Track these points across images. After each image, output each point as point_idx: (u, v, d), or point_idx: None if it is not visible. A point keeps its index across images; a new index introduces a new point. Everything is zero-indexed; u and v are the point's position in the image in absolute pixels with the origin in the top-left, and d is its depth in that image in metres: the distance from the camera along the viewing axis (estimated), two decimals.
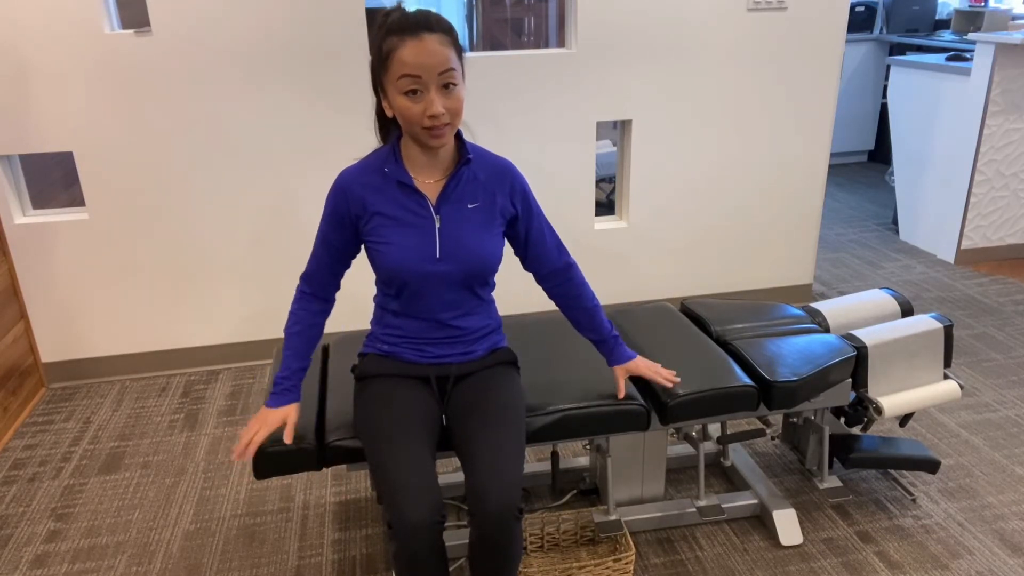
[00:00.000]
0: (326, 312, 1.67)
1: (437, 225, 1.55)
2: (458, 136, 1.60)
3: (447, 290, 1.59)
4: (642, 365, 1.79)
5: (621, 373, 1.79)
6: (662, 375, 1.80)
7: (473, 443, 1.52)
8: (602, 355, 1.81)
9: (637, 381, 1.92)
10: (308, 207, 2.92)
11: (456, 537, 1.99)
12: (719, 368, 1.90)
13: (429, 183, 1.57)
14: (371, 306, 3.21)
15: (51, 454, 2.52)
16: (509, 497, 1.43)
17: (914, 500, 2.19)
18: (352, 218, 1.56)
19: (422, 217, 1.55)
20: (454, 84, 1.44)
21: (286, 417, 1.61)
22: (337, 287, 1.68)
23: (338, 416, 1.74)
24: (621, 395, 1.78)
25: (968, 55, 3.92)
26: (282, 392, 1.62)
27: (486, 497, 1.42)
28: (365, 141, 2.87)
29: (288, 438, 1.60)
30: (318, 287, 1.64)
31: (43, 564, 2.04)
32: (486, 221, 1.59)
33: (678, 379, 1.81)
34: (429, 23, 1.41)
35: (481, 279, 1.61)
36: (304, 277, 1.65)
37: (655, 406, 1.84)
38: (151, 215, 2.82)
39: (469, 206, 1.58)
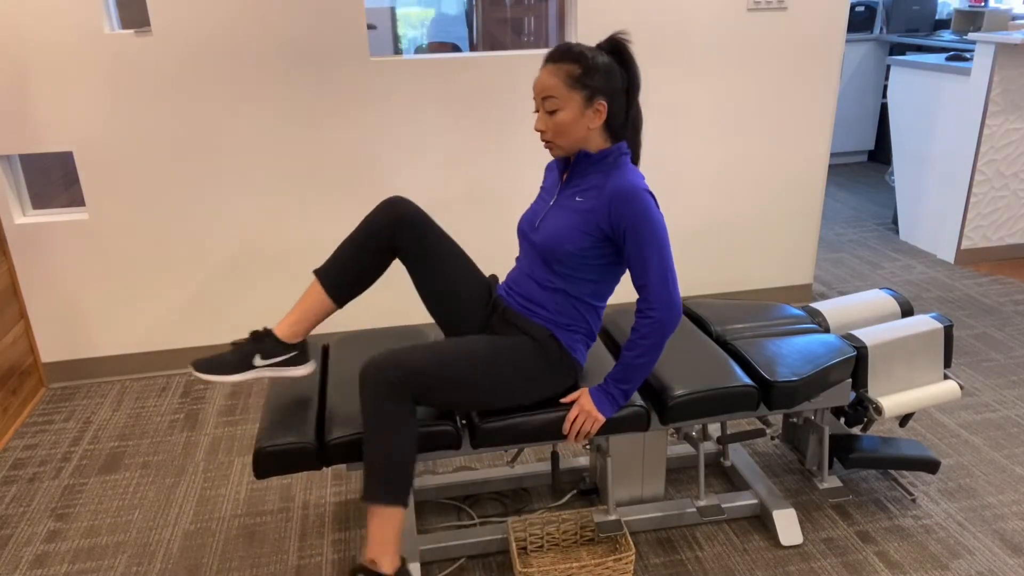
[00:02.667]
0: None
1: (550, 204, 1.77)
2: (615, 151, 1.71)
3: (533, 258, 1.77)
4: (578, 398, 1.76)
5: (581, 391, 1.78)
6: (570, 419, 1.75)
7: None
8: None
9: None
10: (308, 206, 2.92)
11: (456, 537, 1.99)
12: (719, 368, 1.90)
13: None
14: (372, 307, 3.22)
15: (51, 454, 2.52)
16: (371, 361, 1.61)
17: (914, 500, 2.19)
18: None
19: (549, 195, 1.81)
20: (556, 110, 1.65)
21: None
22: None
23: (338, 415, 1.75)
24: (565, 399, 1.77)
25: (968, 55, 3.92)
26: None
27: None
28: (363, 141, 2.88)
29: None
30: None
31: (43, 564, 2.04)
32: (581, 219, 1.69)
33: (569, 436, 1.76)
34: (553, 55, 1.66)
35: (552, 259, 1.71)
36: None
37: (655, 406, 1.84)
38: (151, 215, 2.82)
39: (576, 199, 1.72)
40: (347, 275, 1.76)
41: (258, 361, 1.74)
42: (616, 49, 1.69)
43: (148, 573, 2.00)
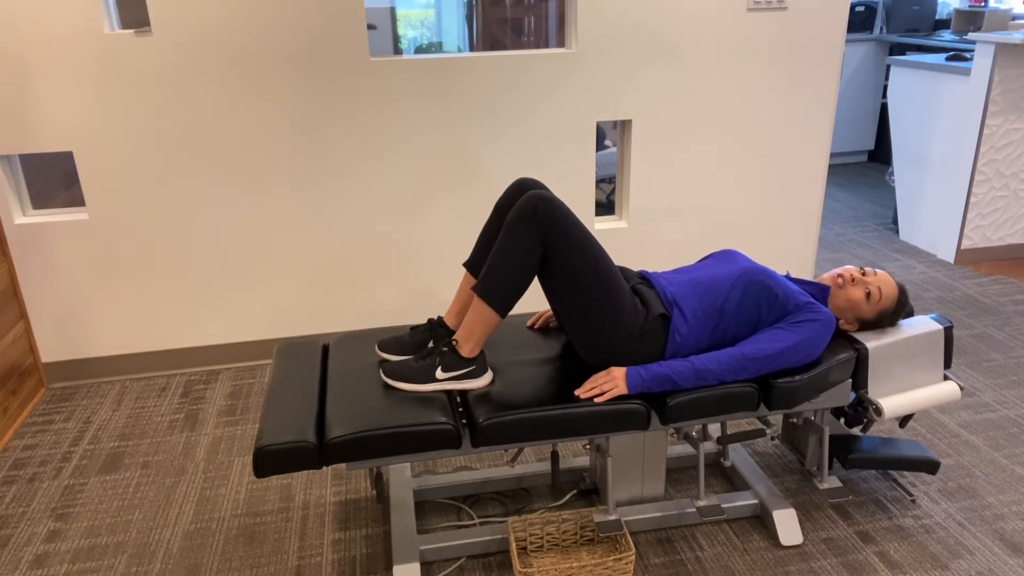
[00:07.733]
0: None
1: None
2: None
3: (724, 283, 1.93)
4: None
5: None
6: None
7: None
8: None
9: None
10: (308, 206, 2.92)
11: (456, 537, 1.99)
12: None
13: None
14: (372, 307, 3.21)
15: (51, 454, 2.52)
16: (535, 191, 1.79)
17: (914, 500, 2.19)
18: None
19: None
20: (868, 293, 1.98)
21: None
22: None
23: (338, 414, 1.75)
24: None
25: (968, 55, 3.92)
26: None
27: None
28: (361, 142, 2.88)
29: None
30: None
31: (43, 564, 2.04)
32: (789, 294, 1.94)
33: (582, 390, 1.84)
34: (905, 303, 2.06)
35: (744, 293, 1.91)
36: None
37: (655, 406, 1.84)
38: (151, 215, 2.82)
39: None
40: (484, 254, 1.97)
41: (440, 374, 1.84)
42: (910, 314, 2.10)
43: (148, 573, 2.00)
